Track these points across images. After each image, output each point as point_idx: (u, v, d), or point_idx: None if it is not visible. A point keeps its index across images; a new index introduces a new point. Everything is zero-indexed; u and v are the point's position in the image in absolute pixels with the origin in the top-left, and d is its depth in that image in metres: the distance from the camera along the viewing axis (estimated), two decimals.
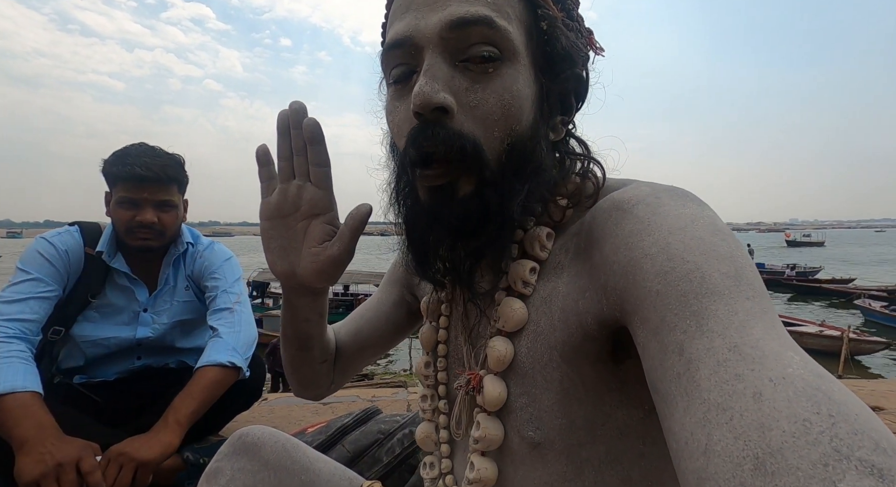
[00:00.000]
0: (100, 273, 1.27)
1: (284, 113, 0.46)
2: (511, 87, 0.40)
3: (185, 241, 1.38)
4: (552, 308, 0.42)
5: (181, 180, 1.29)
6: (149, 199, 1.22)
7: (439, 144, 0.38)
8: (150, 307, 1.33)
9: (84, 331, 1.26)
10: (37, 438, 0.94)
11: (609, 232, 0.37)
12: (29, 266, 1.18)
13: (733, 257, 0.31)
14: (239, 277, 1.41)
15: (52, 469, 0.90)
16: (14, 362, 1.05)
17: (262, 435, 0.63)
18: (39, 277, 1.18)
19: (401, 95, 0.43)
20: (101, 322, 1.28)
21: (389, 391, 2.20)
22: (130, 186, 1.21)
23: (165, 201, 1.24)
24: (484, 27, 0.38)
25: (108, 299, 1.29)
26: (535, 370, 0.42)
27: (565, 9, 0.44)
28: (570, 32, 0.43)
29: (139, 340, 1.31)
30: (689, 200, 0.37)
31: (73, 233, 1.28)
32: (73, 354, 1.30)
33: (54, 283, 1.20)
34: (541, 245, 0.44)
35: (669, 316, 0.30)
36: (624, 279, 0.34)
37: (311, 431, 1.08)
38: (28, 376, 1.04)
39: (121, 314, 1.30)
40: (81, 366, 1.30)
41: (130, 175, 1.19)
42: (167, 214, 1.26)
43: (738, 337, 0.27)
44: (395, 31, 0.41)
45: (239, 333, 1.28)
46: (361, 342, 0.65)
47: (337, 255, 0.47)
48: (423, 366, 0.54)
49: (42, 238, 1.24)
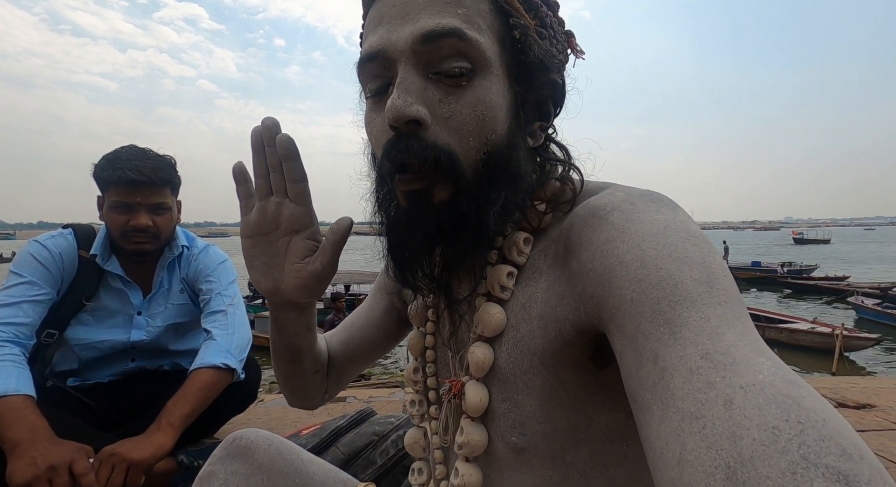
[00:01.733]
0: (94, 276, 1.26)
1: (257, 130, 0.46)
2: (484, 97, 0.40)
3: (180, 244, 1.37)
4: (531, 314, 0.42)
5: (174, 182, 1.28)
6: (142, 203, 1.21)
7: (413, 156, 0.39)
8: (144, 310, 1.33)
9: (78, 334, 1.26)
10: (29, 441, 0.94)
11: (586, 239, 0.38)
12: (22, 269, 1.18)
13: (705, 263, 0.32)
14: (233, 280, 1.41)
15: (45, 472, 0.90)
16: (7, 365, 1.04)
17: (255, 438, 0.63)
18: (33, 280, 1.17)
19: (377, 107, 0.43)
20: (94, 325, 1.28)
21: (386, 392, 2.20)
22: (123, 190, 1.20)
23: (159, 204, 1.24)
24: (455, 40, 0.39)
25: (102, 303, 1.28)
26: (516, 376, 0.43)
27: (538, 16, 0.44)
28: (544, 40, 0.44)
29: (133, 343, 1.31)
30: (663, 205, 0.37)
31: (66, 236, 1.27)
32: (66, 357, 1.29)
33: (48, 286, 1.19)
34: (518, 250, 0.44)
35: (644, 324, 0.30)
36: (600, 287, 0.35)
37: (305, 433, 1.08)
38: (21, 379, 1.04)
39: (115, 317, 1.30)
40: (75, 369, 1.30)
41: (122, 179, 1.18)
42: (161, 217, 1.25)
43: (710, 344, 0.27)
44: (368, 44, 0.42)
45: (233, 335, 1.28)
46: (353, 351, 0.65)
47: (320, 270, 0.47)
48: (411, 372, 0.54)
49: (35, 241, 1.24)
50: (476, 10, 0.40)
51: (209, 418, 1.36)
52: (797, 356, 8.25)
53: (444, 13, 0.39)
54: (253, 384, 1.40)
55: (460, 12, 0.40)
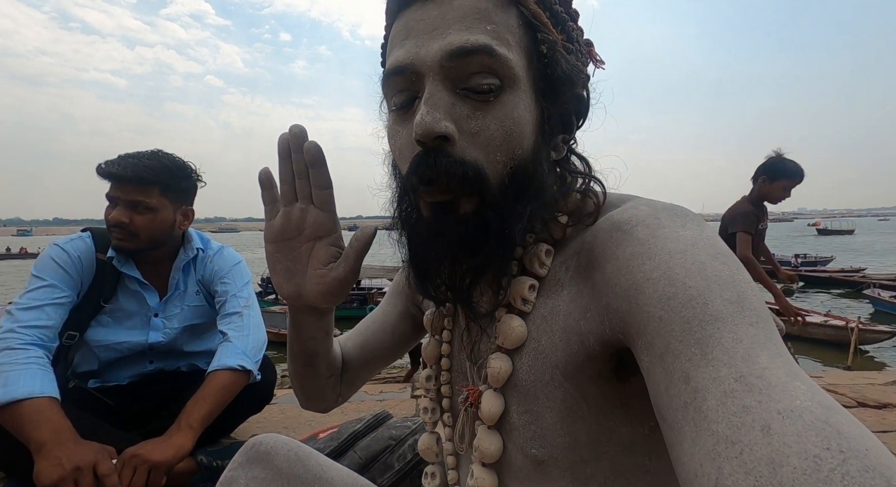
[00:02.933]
0: (111, 279, 1.29)
1: (285, 137, 0.46)
2: (512, 113, 0.40)
3: (194, 246, 1.39)
4: (553, 327, 0.42)
5: (166, 184, 1.26)
6: (121, 198, 1.22)
7: (441, 172, 0.39)
8: (160, 312, 1.35)
9: (97, 336, 1.29)
10: (54, 442, 0.96)
11: (610, 254, 0.37)
12: (43, 273, 1.21)
13: (735, 282, 0.31)
14: (248, 281, 1.43)
15: (70, 473, 0.92)
16: (32, 368, 1.07)
17: (274, 444, 0.64)
18: (54, 283, 1.20)
19: (403, 120, 0.43)
20: (113, 327, 1.30)
21: (397, 387, 2.22)
22: (110, 185, 1.23)
23: (139, 202, 1.22)
24: (484, 56, 0.38)
25: (119, 304, 1.31)
26: (536, 388, 0.43)
27: (565, 31, 0.44)
28: (570, 55, 0.44)
29: (151, 344, 1.33)
30: (688, 220, 0.37)
31: (84, 239, 1.30)
32: (87, 358, 1.32)
33: (69, 289, 1.22)
34: (540, 262, 0.44)
35: (674, 343, 0.30)
36: (626, 303, 0.34)
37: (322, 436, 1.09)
38: (46, 381, 1.06)
39: (132, 318, 1.32)
40: (95, 370, 1.33)
41: (106, 174, 1.21)
42: (141, 216, 1.23)
43: (743, 366, 0.27)
44: (395, 58, 0.41)
45: (248, 337, 1.30)
46: (368, 355, 0.66)
47: (343, 276, 0.47)
48: (424, 379, 0.55)
49: (56, 245, 1.26)
50: (505, 25, 0.40)
51: (227, 418, 1.39)
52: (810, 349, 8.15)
53: (473, 29, 0.39)
54: (269, 385, 1.42)
55: (489, 28, 0.39)
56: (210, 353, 1.44)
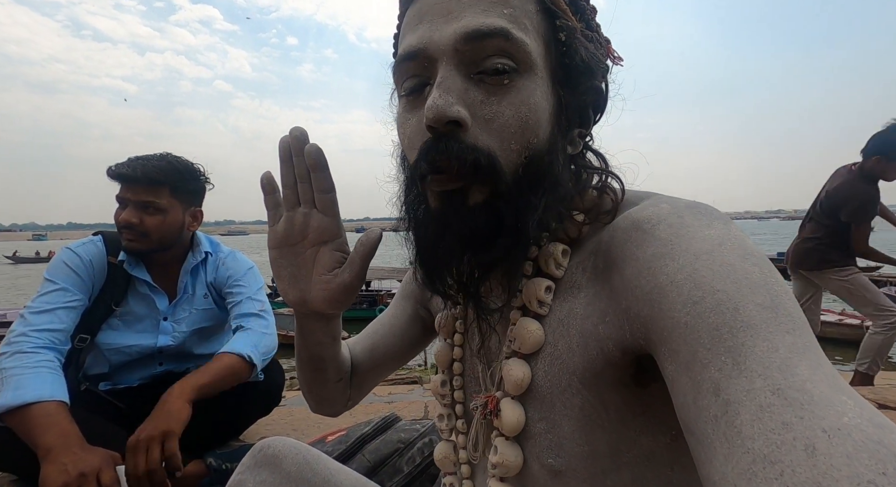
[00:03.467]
0: (122, 282, 1.29)
1: (285, 140, 0.45)
2: (528, 99, 0.38)
3: (203, 250, 1.40)
4: (570, 331, 0.40)
5: (174, 185, 1.27)
6: (131, 199, 1.23)
7: (452, 158, 0.37)
8: (169, 316, 1.36)
9: (108, 339, 1.29)
10: (61, 447, 0.96)
11: (630, 254, 0.35)
12: (56, 276, 1.22)
13: (768, 285, 0.29)
14: (262, 286, 1.44)
15: (75, 480, 0.92)
16: (42, 371, 1.07)
17: (283, 447, 0.63)
18: (66, 287, 1.21)
19: (413, 107, 0.42)
20: (123, 330, 1.31)
21: (405, 388, 2.21)
22: (120, 186, 1.24)
23: (148, 203, 1.24)
24: (500, 40, 0.37)
25: (130, 308, 1.32)
26: (553, 395, 0.41)
27: (584, 19, 0.42)
28: (590, 43, 0.42)
29: (160, 348, 1.34)
30: (714, 218, 0.35)
31: (96, 243, 1.31)
32: (98, 361, 1.33)
33: (80, 292, 1.23)
34: (556, 263, 0.42)
35: (702, 351, 0.28)
36: (648, 307, 0.32)
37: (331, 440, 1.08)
38: (55, 385, 1.06)
39: (142, 321, 1.33)
40: (106, 373, 1.33)
41: (116, 175, 1.23)
42: (151, 216, 1.24)
43: (781, 378, 0.25)
44: (407, 43, 0.40)
45: (263, 336, 1.31)
46: (377, 359, 0.64)
47: (348, 282, 0.46)
48: (438, 385, 0.53)
49: (68, 249, 1.28)
50: (523, 10, 0.39)
51: (235, 421, 1.39)
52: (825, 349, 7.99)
53: (489, 12, 0.38)
54: (277, 387, 1.42)
55: (506, 12, 0.38)
56: None
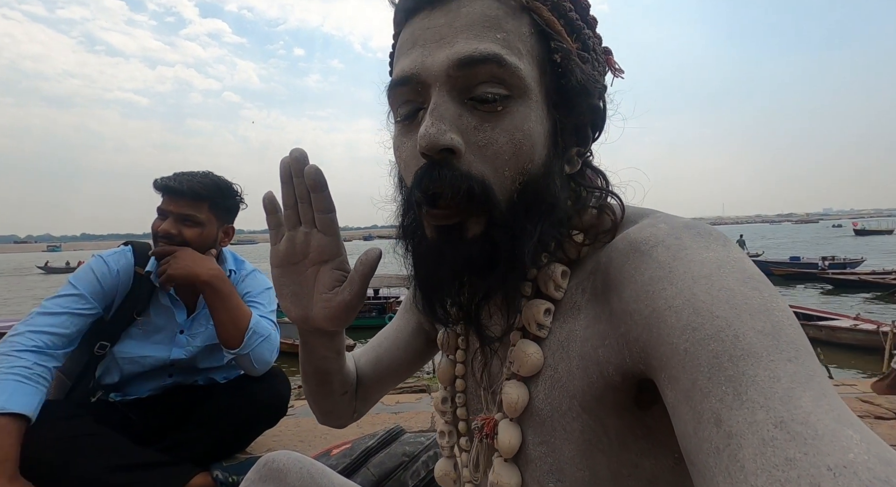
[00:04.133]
0: (146, 292, 1.32)
1: (286, 161, 0.45)
2: (522, 125, 0.38)
3: (227, 267, 1.43)
4: (570, 354, 0.40)
5: (214, 200, 1.34)
6: (174, 211, 1.29)
7: (445, 186, 0.37)
8: (186, 329, 1.37)
9: (124, 348, 1.31)
10: None
11: (628, 277, 0.35)
12: (78, 282, 1.25)
13: (768, 311, 0.29)
14: (275, 308, 1.46)
15: None
16: (8, 380, 1.04)
17: (287, 462, 0.63)
18: (83, 293, 1.23)
19: (408, 132, 0.42)
20: (141, 340, 1.33)
21: (413, 397, 2.20)
22: (165, 198, 1.29)
23: (188, 216, 1.30)
24: (493, 66, 0.37)
25: (150, 318, 1.34)
26: (553, 419, 0.40)
27: (580, 39, 0.42)
28: (586, 64, 0.41)
29: (173, 360, 1.35)
30: (713, 239, 0.34)
31: (126, 253, 1.35)
32: (110, 371, 1.34)
33: (95, 301, 1.25)
34: (556, 285, 0.42)
35: (702, 380, 0.27)
36: (647, 332, 0.32)
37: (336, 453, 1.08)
38: (14, 396, 1.03)
39: (160, 333, 1.35)
40: (116, 383, 1.34)
41: (163, 187, 1.29)
42: (189, 229, 1.30)
43: (783, 410, 0.24)
44: (400, 68, 0.40)
45: (273, 343, 1.33)
46: (382, 371, 0.64)
47: (348, 300, 0.46)
48: (440, 402, 0.53)
49: (99, 257, 1.32)
50: (516, 33, 0.38)
51: (242, 433, 1.39)
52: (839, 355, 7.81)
53: (482, 38, 0.37)
54: (283, 399, 1.42)
55: (499, 37, 0.37)
56: (226, 367, 1.46)
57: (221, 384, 1.45)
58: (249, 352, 1.27)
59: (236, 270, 1.46)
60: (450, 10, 0.38)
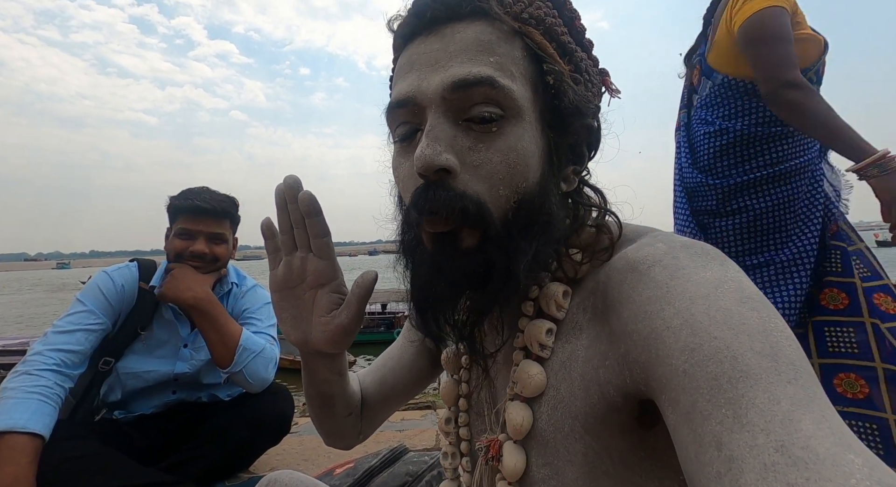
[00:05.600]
0: (150, 307, 1.33)
1: (280, 188, 0.46)
2: (516, 145, 0.39)
3: (230, 281, 1.44)
4: (572, 374, 0.40)
5: (233, 217, 1.39)
6: (203, 231, 1.32)
7: (441, 206, 0.38)
8: (189, 343, 1.38)
9: (128, 363, 1.31)
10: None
11: (626, 296, 0.35)
12: (86, 298, 1.27)
13: (766, 332, 0.28)
14: (274, 323, 1.47)
15: None
16: (32, 398, 1.05)
17: (290, 481, 0.63)
18: (92, 309, 1.25)
19: (405, 152, 0.43)
20: (144, 355, 1.33)
21: (418, 414, 2.17)
22: (190, 218, 1.32)
23: (218, 234, 1.34)
24: (486, 88, 0.38)
25: (154, 333, 1.35)
26: (556, 440, 0.40)
27: (573, 61, 0.43)
28: (578, 85, 0.42)
29: (176, 375, 1.35)
30: (710, 259, 0.34)
31: (131, 268, 1.38)
32: (113, 387, 1.34)
33: (104, 316, 1.26)
34: (557, 305, 0.42)
35: (701, 402, 0.27)
36: (646, 353, 0.32)
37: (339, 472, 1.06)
38: (35, 415, 1.04)
39: (163, 347, 1.35)
40: (120, 400, 1.34)
41: (191, 208, 1.31)
42: (219, 246, 1.35)
43: (784, 434, 0.24)
44: (398, 91, 0.41)
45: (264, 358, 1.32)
46: (387, 392, 0.64)
47: (346, 324, 0.46)
48: (444, 423, 0.53)
49: (104, 272, 1.34)
50: (509, 56, 0.39)
51: (245, 451, 1.38)
52: None
53: (475, 61, 0.38)
54: (286, 418, 1.41)
55: (493, 60, 0.39)
56: (230, 384, 1.45)
57: (225, 402, 1.44)
58: (242, 369, 1.27)
59: (238, 284, 1.47)
60: (444, 35, 0.40)
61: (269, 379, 1.35)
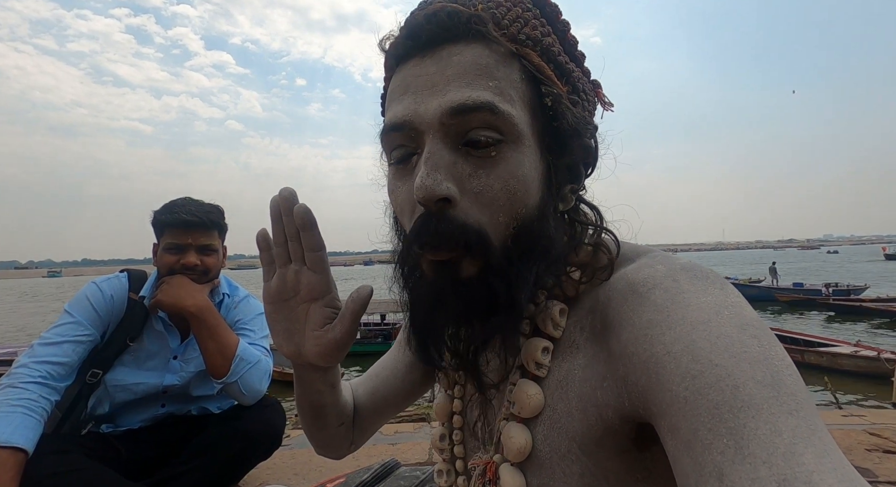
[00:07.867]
0: (139, 318, 1.32)
1: (275, 200, 0.45)
2: (516, 170, 0.38)
3: (221, 291, 1.43)
4: (569, 394, 0.39)
5: (222, 227, 1.38)
6: (192, 243, 1.31)
7: (443, 240, 0.37)
8: (179, 355, 1.36)
9: (117, 375, 1.29)
10: None
11: (625, 319, 0.35)
12: (74, 309, 1.25)
13: (767, 360, 0.28)
14: (267, 334, 1.45)
15: None
16: (16, 412, 1.04)
17: None
18: (80, 320, 1.23)
19: (402, 175, 0.42)
20: (133, 367, 1.31)
21: (412, 426, 2.15)
22: (177, 232, 1.30)
23: (208, 246, 1.33)
24: (486, 113, 0.37)
25: (143, 344, 1.33)
26: (553, 462, 0.39)
27: (570, 82, 0.43)
28: (577, 106, 0.42)
29: (166, 387, 1.33)
30: (710, 283, 0.34)
31: (121, 279, 1.36)
32: (101, 400, 1.32)
33: (92, 327, 1.25)
34: (554, 323, 0.42)
35: (702, 431, 0.27)
36: (646, 377, 0.32)
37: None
38: (19, 429, 1.02)
39: (153, 359, 1.33)
40: (107, 414, 1.32)
41: (178, 221, 1.30)
42: (209, 257, 1.34)
43: (786, 467, 0.24)
44: (393, 114, 0.40)
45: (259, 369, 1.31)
46: (379, 402, 0.63)
47: (339, 338, 0.46)
48: (437, 439, 0.52)
49: (93, 283, 1.32)
50: (508, 80, 0.39)
51: (236, 465, 1.35)
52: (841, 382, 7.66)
53: (474, 86, 0.37)
54: (277, 431, 1.39)
55: (491, 84, 0.38)
56: (220, 396, 1.43)
57: (215, 415, 1.42)
58: (237, 380, 1.26)
59: (230, 294, 1.45)
60: (441, 58, 0.39)
61: (263, 391, 1.33)
